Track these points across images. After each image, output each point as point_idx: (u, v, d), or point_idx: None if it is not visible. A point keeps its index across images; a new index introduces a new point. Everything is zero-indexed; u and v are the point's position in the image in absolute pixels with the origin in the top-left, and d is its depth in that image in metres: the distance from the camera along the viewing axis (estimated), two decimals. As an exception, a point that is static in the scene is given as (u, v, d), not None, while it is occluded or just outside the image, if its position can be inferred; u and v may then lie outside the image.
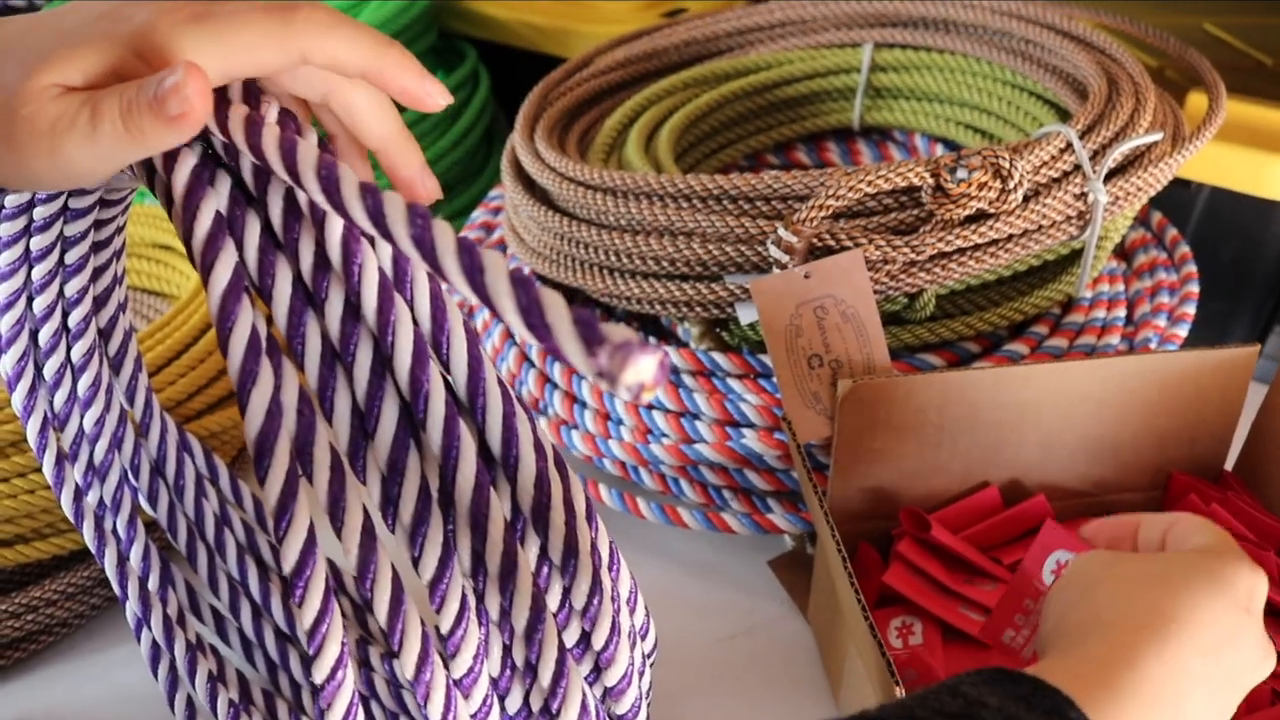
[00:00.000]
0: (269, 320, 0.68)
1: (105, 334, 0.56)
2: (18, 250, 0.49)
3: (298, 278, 0.39)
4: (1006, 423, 0.67)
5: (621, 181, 0.71)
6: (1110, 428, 0.69)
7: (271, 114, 0.41)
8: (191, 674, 0.59)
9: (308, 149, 0.37)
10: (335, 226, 0.39)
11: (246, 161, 0.40)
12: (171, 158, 0.39)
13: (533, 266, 0.79)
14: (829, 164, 0.98)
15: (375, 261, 0.39)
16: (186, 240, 0.38)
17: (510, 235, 0.82)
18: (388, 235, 0.35)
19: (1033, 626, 0.57)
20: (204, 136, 0.41)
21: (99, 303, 0.55)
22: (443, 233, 0.34)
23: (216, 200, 0.39)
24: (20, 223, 0.48)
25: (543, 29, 1.14)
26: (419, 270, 0.40)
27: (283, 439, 0.36)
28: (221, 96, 0.40)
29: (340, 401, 0.39)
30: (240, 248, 0.39)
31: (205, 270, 0.37)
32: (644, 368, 0.29)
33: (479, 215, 0.94)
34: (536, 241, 0.78)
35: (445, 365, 0.40)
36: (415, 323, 0.39)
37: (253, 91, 0.42)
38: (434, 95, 0.43)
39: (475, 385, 0.40)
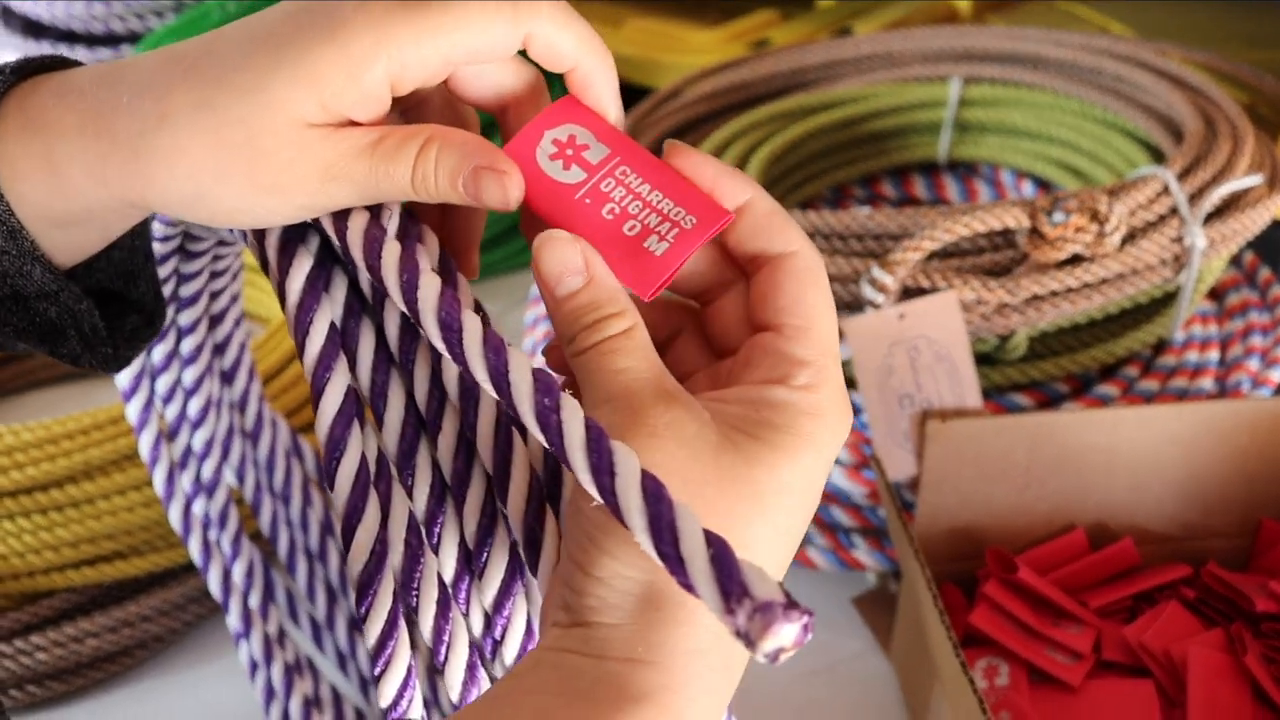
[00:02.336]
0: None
1: (220, 348, 0.57)
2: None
3: (410, 400, 0.37)
4: (1094, 465, 0.67)
5: (713, 216, 0.72)
6: (1199, 472, 0.68)
7: (392, 225, 0.38)
8: (287, 694, 0.60)
9: (430, 285, 0.34)
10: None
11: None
12: (287, 257, 0.38)
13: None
14: (914, 198, 0.98)
15: (493, 398, 0.36)
16: (299, 350, 0.37)
17: (598, 266, 0.83)
18: (510, 404, 0.32)
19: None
20: (321, 229, 0.39)
21: (215, 320, 0.56)
22: (572, 417, 0.31)
23: (331, 309, 0.37)
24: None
25: (629, 59, 1.15)
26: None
27: (386, 578, 0.35)
28: None
29: (448, 537, 0.37)
30: (353, 363, 0.37)
31: (316, 393, 0.36)
32: (785, 635, 0.26)
33: (565, 244, 0.95)
34: (625, 273, 0.79)
35: (556, 514, 0.37)
36: (531, 466, 0.37)
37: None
38: (618, 117, 0.40)
39: None
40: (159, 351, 0.54)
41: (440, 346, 0.34)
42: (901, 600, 0.68)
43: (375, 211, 0.38)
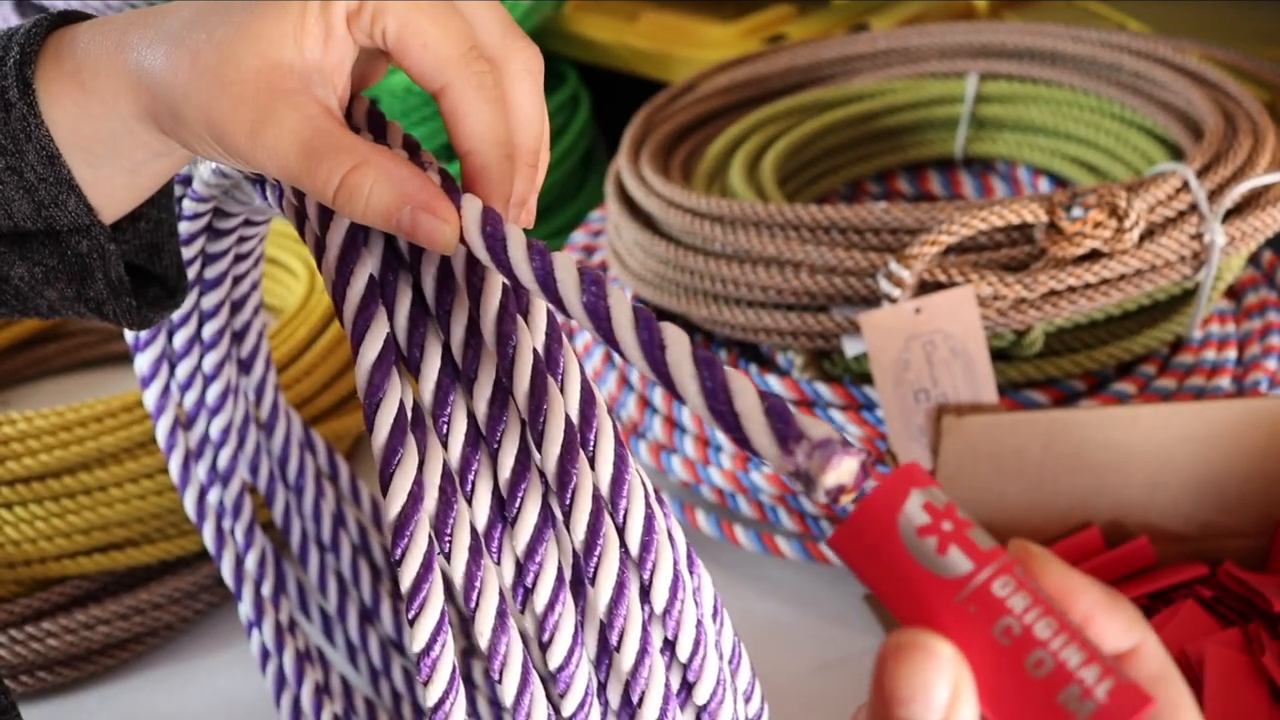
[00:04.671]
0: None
1: (239, 336, 0.57)
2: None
3: (447, 351, 0.38)
4: (1111, 463, 0.67)
5: (729, 209, 0.72)
6: (1216, 471, 0.68)
7: (432, 175, 0.38)
8: (299, 682, 0.60)
9: (473, 202, 0.36)
10: (491, 300, 0.37)
11: None
12: (327, 212, 0.39)
13: (636, 290, 0.79)
14: (930, 194, 0.98)
15: (530, 343, 0.37)
16: (337, 304, 0.37)
17: (613, 258, 0.83)
18: (558, 301, 0.33)
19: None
20: None
21: (236, 306, 0.56)
22: (619, 303, 0.32)
23: (371, 262, 0.38)
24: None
25: (644, 52, 1.15)
26: (570, 358, 0.38)
27: (422, 520, 0.36)
28: (382, 145, 0.39)
29: (482, 485, 0.37)
30: (391, 315, 0.38)
31: (356, 340, 0.37)
32: (845, 470, 0.26)
33: (579, 237, 0.95)
34: (640, 266, 0.79)
35: (590, 460, 0.38)
36: (567, 413, 0.37)
37: (411, 144, 0.40)
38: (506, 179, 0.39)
39: (618, 486, 0.38)
40: (180, 337, 0.54)
41: (484, 257, 0.35)
42: (915, 596, 0.68)
43: (414, 158, 0.39)
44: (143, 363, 0.54)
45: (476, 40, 0.38)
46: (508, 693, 0.37)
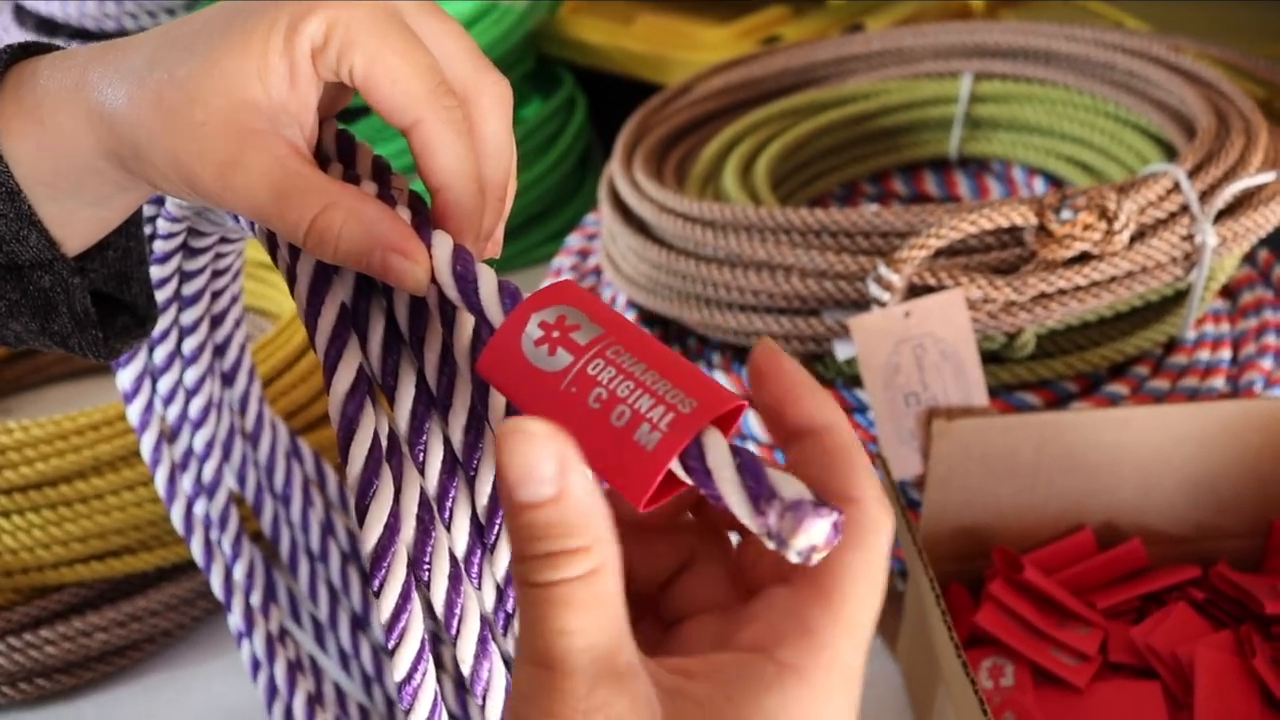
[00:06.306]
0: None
1: (220, 349, 0.57)
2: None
3: (421, 378, 0.37)
4: (1104, 465, 0.66)
5: (721, 214, 0.72)
6: (1211, 472, 0.67)
7: (402, 209, 0.38)
8: (290, 692, 0.60)
9: (442, 242, 0.35)
10: (465, 327, 0.37)
11: None
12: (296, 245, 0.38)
13: (629, 295, 0.79)
14: (925, 194, 0.98)
15: None
16: (310, 333, 0.37)
17: (606, 263, 0.83)
18: None
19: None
20: None
21: (215, 321, 0.56)
22: None
23: (342, 290, 0.37)
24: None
25: (639, 55, 1.15)
26: None
27: (400, 550, 0.35)
28: (352, 174, 0.39)
29: (460, 511, 0.37)
30: (364, 343, 0.37)
31: (329, 370, 0.36)
32: (817, 532, 0.27)
33: (574, 241, 0.95)
34: (633, 271, 0.79)
35: None
36: None
37: (380, 168, 0.40)
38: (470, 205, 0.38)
39: None
40: (161, 352, 0.54)
41: (455, 298, 0.34)
42: (907, 600, 0.68)
43: (383, 180, 0.38)
44: (124, 378, 0.54)
45: (444, 75, 0.37)
46: (492, 718, 0.37)
